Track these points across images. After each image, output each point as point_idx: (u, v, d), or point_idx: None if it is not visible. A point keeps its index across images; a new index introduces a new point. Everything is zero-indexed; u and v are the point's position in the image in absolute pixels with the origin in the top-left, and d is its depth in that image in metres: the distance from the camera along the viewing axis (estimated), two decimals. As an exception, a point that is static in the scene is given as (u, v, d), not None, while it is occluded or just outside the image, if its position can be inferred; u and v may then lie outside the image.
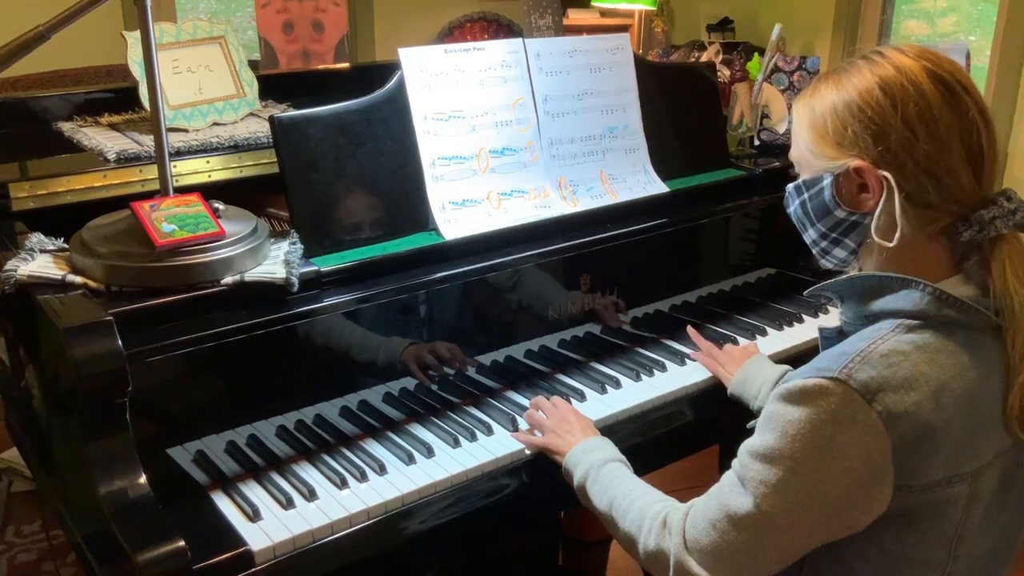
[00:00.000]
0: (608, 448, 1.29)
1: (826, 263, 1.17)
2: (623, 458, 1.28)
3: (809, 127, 1.09)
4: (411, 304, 1.43)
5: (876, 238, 1.06)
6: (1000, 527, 1.09)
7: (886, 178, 1.02)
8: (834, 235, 1.11)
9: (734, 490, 1.04)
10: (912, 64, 1.03)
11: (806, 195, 1.12)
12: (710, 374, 1.61)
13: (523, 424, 1.45)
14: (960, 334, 1.02)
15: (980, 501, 1.04)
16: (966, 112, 1.01)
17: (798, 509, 0.99)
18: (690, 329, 1.71)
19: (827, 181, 1.08)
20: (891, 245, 1.04)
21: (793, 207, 1.16)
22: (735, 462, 1.07)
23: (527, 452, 1.39)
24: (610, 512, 1.18)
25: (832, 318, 1.79)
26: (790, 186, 1.15)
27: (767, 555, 1.02)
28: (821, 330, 1.19)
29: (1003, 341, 1.03)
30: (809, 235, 1.15)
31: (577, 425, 1.37)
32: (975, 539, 1.05)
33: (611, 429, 1.48)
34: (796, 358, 1.64)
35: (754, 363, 1.54)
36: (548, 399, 1.45)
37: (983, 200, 1.03)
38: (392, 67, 1.51)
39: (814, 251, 1.17)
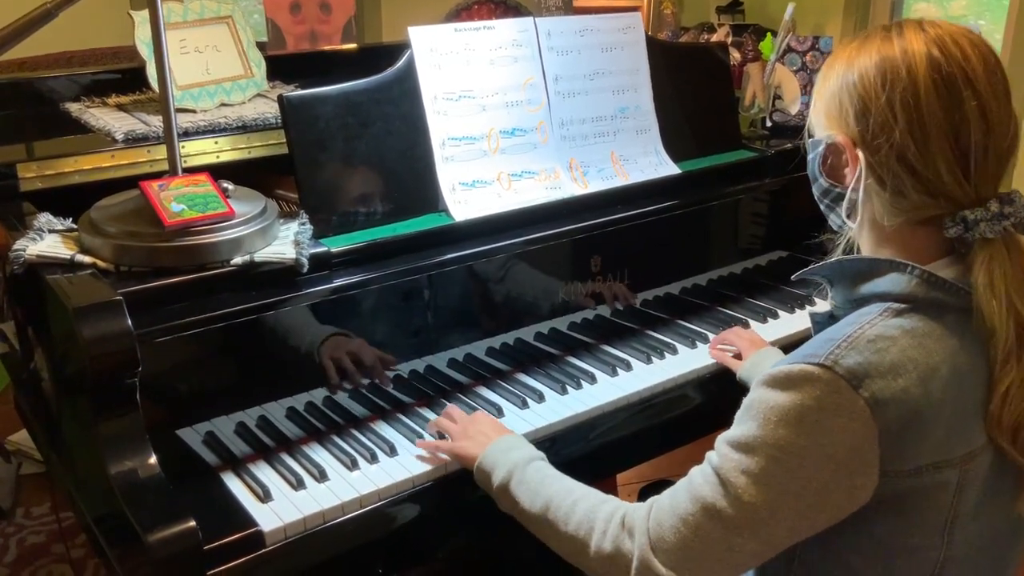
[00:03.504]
0: (527, 446, 1.23)
1: (830, 222, 1.14)
2: (544, 455, 1.21)
3: (818, 92, 1.08)
4: (420, 286, 1.42)
5: (844, 218, 1.05)
6: (1000, 510, 1.06)
7: (859, 158, 1.01)
8: (826, 201, 1.10)
9: (709, 483, 0.98)
10: (919, 49, 0.98)
11: (809, 155, 1.10)
12: (721, 357, 1.61)
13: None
14: (950, 316, 0.99)
15: (972, 485, 1.00)
16: (959, 108, 0.96)
17: (781, 499, 0.95)
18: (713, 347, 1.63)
19: (820, 148, 1.07)
20: (853, 226, 1.03)
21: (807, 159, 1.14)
22: (711, 454, 1.02)
23: (532, 436, 1.39)
24: (545, 515, 1.11)
25: (825, 303, 1.77)
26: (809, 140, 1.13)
27: (744, 550, 0.96)
28: (812, 315, 1.17)
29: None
30: (813, 191, 1.13)
31: (487, 425, 1.29)
32: (970, 524, 1.02)
33: (622, 412, 1.47)
34: (807, 340, 1.63)
35: (768, 351, 1.53)
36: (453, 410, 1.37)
37: (974, 199, 0.98)
38: (400, 48, 1.50)
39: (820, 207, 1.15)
